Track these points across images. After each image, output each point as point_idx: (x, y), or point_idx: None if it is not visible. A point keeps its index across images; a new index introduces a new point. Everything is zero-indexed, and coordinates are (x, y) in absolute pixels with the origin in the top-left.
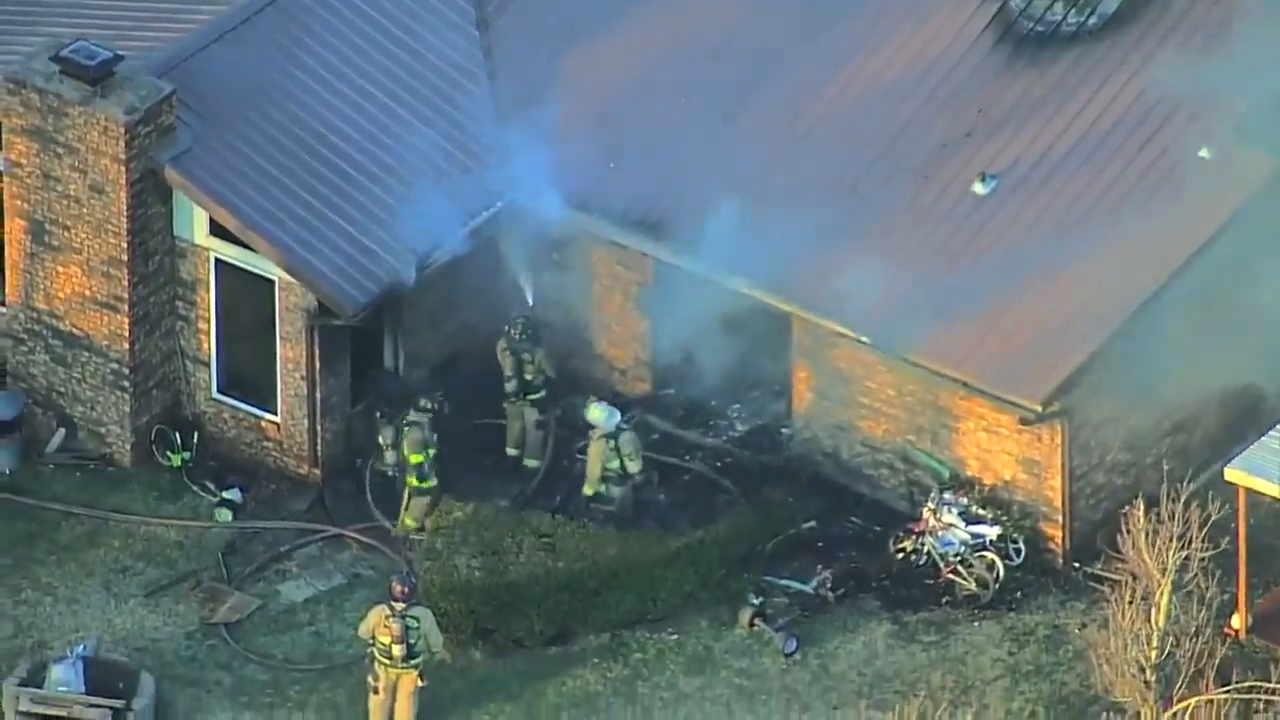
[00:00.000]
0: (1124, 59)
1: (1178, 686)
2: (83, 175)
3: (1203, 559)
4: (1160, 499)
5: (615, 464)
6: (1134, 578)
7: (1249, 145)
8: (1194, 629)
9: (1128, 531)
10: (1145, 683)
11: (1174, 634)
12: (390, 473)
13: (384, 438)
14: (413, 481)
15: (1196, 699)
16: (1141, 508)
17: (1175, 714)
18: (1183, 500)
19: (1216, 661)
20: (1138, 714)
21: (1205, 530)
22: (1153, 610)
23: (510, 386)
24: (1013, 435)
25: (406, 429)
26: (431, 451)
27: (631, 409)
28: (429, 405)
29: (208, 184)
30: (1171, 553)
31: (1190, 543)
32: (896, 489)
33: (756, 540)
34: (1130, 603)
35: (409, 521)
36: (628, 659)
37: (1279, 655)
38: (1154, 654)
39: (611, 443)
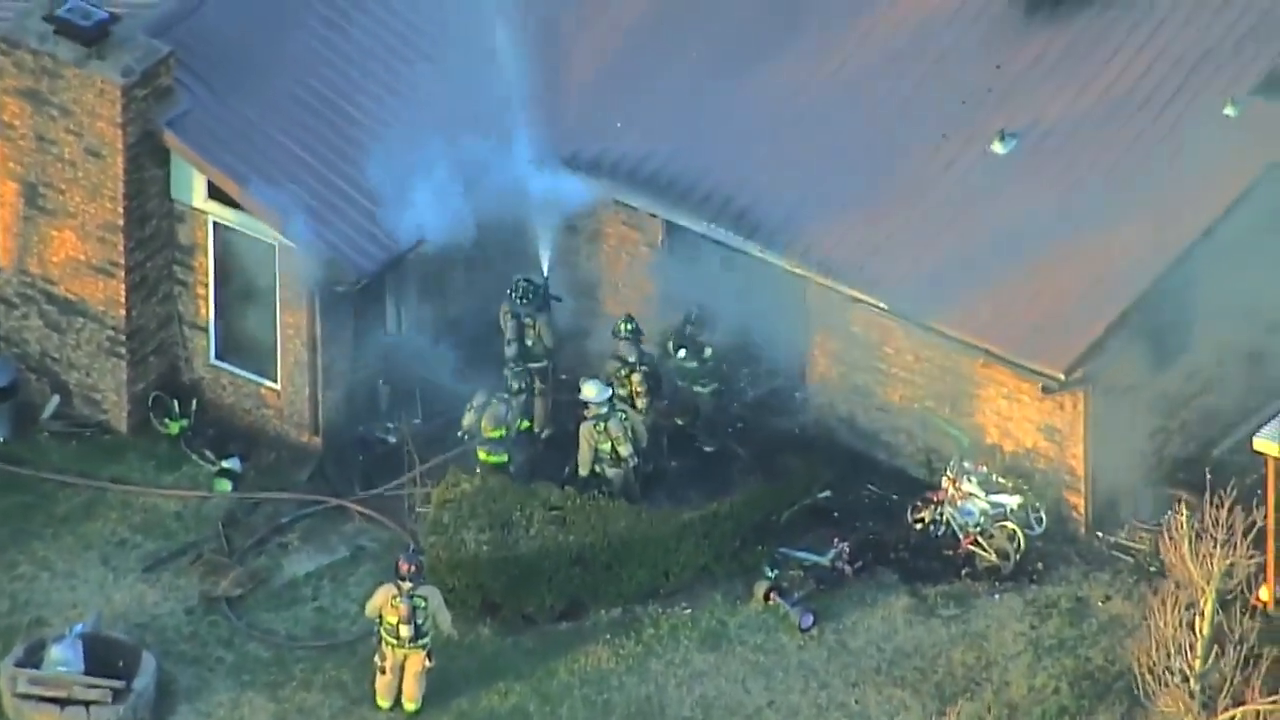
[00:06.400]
0: (1147, 12)
1: (1222, 696)
2: (78, 138)
3: (1248, 564)
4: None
5: (607, 446)
6: (1176, 585)
7: (1276, 101)
8: (1239, 637)
9: (1170, 538)
10: (1189, 693)
11: (1218, 642)
12: (461, 435)
13: (473, 401)
14: (482, 454)
15: (1242, 709)
16: (1184, 513)
17: None
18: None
19: (1262, 671)
20: None
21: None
22: (1197, 619)
23: (510, 351)
24: (1034, 402)
25: (492, 403)
26: (508, 430)
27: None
28: (518, 387)
29: (206, 147)
30: (1216, 560)
31: (1235, 549)
32: (914, 456)
33: (771, 511)
34: (1173, 611)
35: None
36: (640, 635)
37: None
38: (1198, 663)
39: (600, 425)
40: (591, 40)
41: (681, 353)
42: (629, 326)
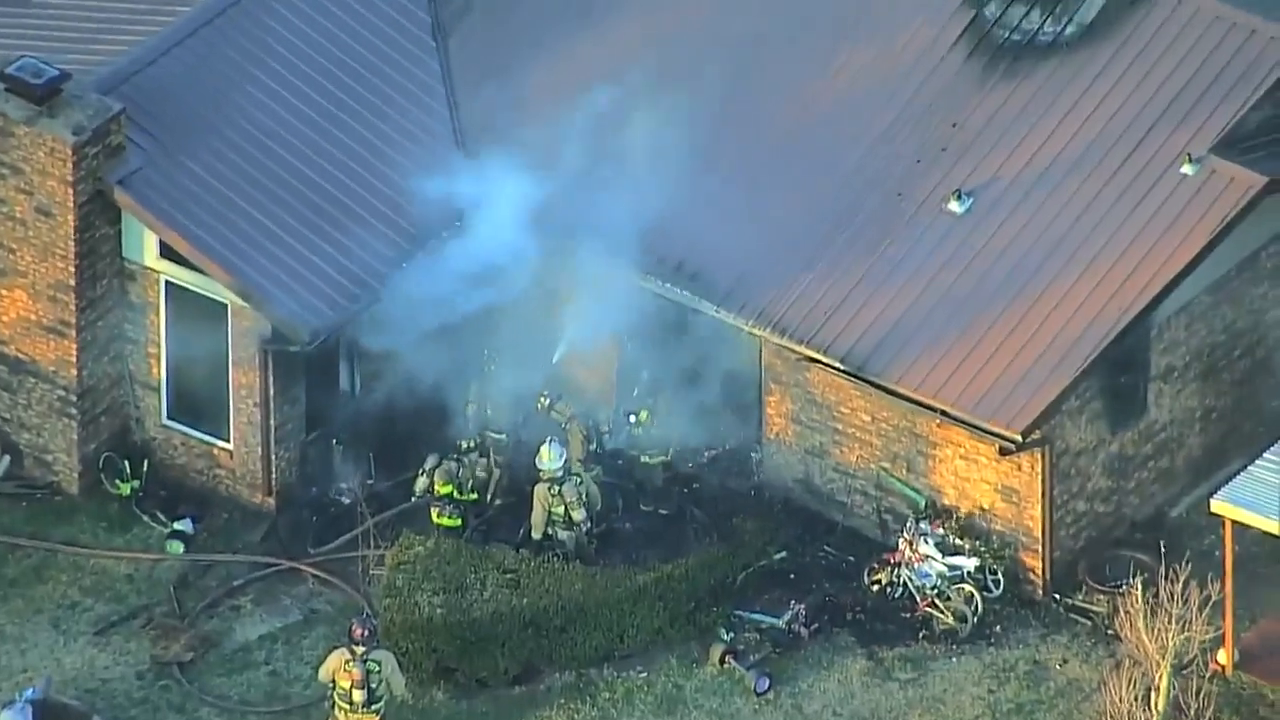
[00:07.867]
0: (1103, 70)
1: None
2: (29, 197)
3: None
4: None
5: (560, 510)
6: (1132, 660)
7: (1232, 159)
8: (1194, 711)
9: (1126, 613)
10: None
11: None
12: (415, 499)
13: (425, 464)
14: (434, 515)
15: None
16: (1139, 586)
17: None
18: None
19: None
20: None
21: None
22: (1152, 693)
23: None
24: (991, 463)
25: (444, 463)
26: (460, 487)
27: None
28: (467, 446)
29: (158, 205)
30: (1172, 634)
31: (1190, 623)
32: (870, 517)
33: (726, 573)
34: (1128, 686)
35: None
36: (595, 699)
37: (1266, 692)
38: None
39: (555, 488)
40: (542, 94)
41: (631, 419)
42: (546, 393)
